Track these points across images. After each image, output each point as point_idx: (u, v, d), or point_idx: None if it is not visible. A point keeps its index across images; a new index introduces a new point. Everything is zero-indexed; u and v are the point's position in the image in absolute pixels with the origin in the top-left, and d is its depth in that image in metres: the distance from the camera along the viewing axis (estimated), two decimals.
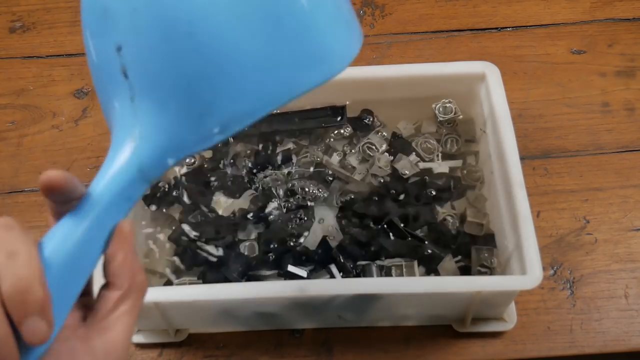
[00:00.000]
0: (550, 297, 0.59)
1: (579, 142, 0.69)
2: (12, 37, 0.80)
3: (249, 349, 0.58)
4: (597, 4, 0.79)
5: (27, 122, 0.73)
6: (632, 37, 0.76)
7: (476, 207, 0.61)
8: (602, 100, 0.72)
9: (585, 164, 0.67)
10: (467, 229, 0.59)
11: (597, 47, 0.76)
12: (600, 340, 0.57)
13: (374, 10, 0.80)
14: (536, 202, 0.63)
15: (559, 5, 0.80)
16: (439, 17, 0.79)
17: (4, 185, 0.68)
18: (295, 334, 0.58)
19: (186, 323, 0.58)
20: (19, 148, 0.71)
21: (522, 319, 0.58)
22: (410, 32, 0.78)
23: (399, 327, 0.58)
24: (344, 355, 0.57)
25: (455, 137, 0.64)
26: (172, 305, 0.53)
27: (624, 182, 0.66)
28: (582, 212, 0.64)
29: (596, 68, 0.74)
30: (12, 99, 0.75)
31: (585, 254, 0.62)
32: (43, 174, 0.32)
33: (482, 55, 0.75)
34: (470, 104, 0.64)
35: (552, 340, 0.58)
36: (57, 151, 0.70)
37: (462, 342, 0.57)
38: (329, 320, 0.57)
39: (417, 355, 0.57)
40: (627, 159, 0.67)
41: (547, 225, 0.63)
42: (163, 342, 0.58)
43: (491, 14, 0.79)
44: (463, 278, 0.55)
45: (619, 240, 0.62)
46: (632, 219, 0.63)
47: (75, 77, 0.76)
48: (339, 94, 0.63)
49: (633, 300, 0.59)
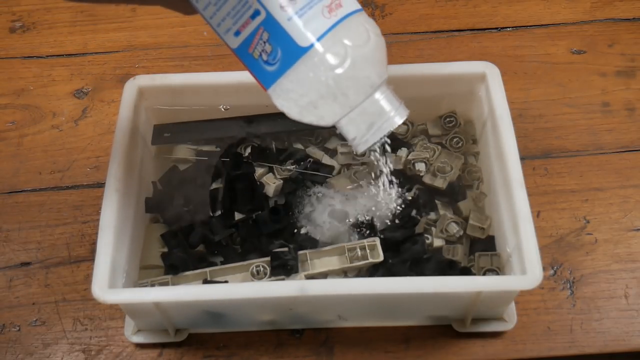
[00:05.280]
0: (550, 297, 0.59)
1: (579, 142, 0.69)
2: (12, 37, 0.80)
3: (249, 349, 0.58)
4: (597, 4, 0.79)
5: (27, 122, 0.73)
6: (632, 37, 0.76)
7: (478, 210, 0.61)
8: (603, 100, 0.72)
9: (585, 164, 0.67)
10: (469, 232, 0.59)
11: (598, 47, 0.76)
12: (601, 340, 0.57)
13: (374, 10, 0.80)
14: (536, 202, 0.64)
15: (559, 5, 0.80)
16: (439, 17, 0.79)
17: (4, 185, 0.68)
18: (295, 334, 0.58)
19: (186, 323, 0.58)
20: (19, 148, 0.71)
21: (522, 319, 0.58)
22: (410, 32, 0.78)
23: (399, 327, 0.58)
24: (344, 355, 0.57)
25: (459, 136, 0.64)
26: (172, 305, 0.53)
27: (624, 182, 0.66)
28: (582, 212, 0.64)
29: (596, 68, 0.74)
30: (12, 99, 0.75)
31: (585, 254, 0.62)
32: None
33: (482, 55, 0.75)
34: (470, 104, 0.64)
35: (552, 340, 0.58)
36: (57, 151, 0.70)
37: (462, 342, 0.57)
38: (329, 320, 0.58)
39: (417, 355, 0.57)
40: (627, 159, 0.67)
41: (547, 225, 0.63)
42: (163, 342, 0.58)
43: (491, 14, 0.79)
44: (463, 278, 0.55)
45: (619, 240, 0.62)
46: (632, 219, 0.63)
47: (75, 77, 0.76)
48: None
49: (633, 300, 0.59)
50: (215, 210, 0.61)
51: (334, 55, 0.43)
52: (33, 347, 0.58)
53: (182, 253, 0.59)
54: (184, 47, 0.78)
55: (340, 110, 0.45)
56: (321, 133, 0.66)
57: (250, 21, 0.43)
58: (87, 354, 0.58)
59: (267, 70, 0.44)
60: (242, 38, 0.44)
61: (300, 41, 0.43)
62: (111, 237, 0.53)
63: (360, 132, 0.46)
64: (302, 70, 0.43)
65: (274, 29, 0.43)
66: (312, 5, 0.43)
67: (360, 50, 0.44)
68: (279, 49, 0.43)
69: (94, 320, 0.59)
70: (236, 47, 0.44)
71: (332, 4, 0.43)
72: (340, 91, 0.44)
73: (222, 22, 0.44)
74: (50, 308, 0.60)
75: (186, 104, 0.64)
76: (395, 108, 0.47)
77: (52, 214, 0.66)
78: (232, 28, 0.44)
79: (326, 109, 0.45)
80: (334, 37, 0.43)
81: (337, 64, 0.43)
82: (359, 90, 0.45)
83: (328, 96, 0.44)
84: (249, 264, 0.58)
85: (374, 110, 0.46)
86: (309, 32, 0.43)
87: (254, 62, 0.44)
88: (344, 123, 0.46)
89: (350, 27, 0.44)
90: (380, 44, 0.46)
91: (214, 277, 0.57)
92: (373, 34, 0.45)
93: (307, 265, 0.58)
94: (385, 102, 0.46)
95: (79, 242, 0.64)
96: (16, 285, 0.62)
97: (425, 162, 0.62)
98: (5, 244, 0.64)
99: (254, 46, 0.44)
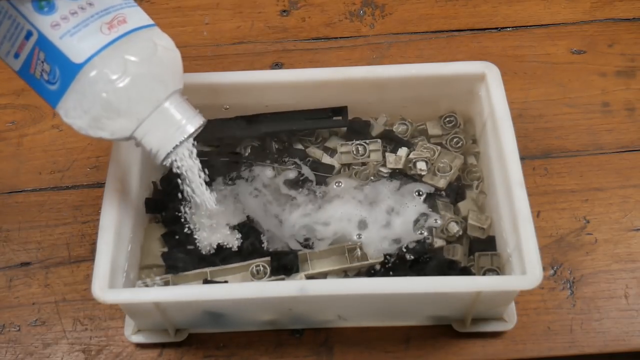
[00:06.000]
0: (550, 297, 0.59)
1: (579, 142, 0.69)
2: None
3: (249, 349, 0.58)
4: (597, 4, 0.79)
5: (27, 122, 0.73)
6: (632, 37, 0.76)
7: (478, 210, 0.60)
8: (602, 100, 0.72)
9: (585, 164, 0.67)
10: (469, 232, 0.59)
11: (597, 47, 0.76)
12: (601, 340, 0.57)
13: (374, 10, 0.80)
14: (536, 202, 0.63)
15: (559, 5, 0.80)
16: (439, 17, 0.79)
17: (4, 185, 0.68)
18: (295, 334, 0.58)
19: (186, 323, 0.58)
20: (19, 148, 0.71)
21: (522, 319, 0.58)
22: (410, 32, 0.78)
23: (399, 327, 0.58)
24: (344, 355, 0.57)
25: (459, 136, 0.64)
26: (172, 305, 0.53)
27: (624, 182, 0.66)
28: (582, 212, 0.64)
29: (596, 68, 0.74)
30: (12, 99, 0.75)
31: (585, 254, 0.62)
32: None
33: (482, 55, 0.75)
34: (470, 104, 0.64)
35: (552, 340, 0.58)
36: (57, 151, 0.70)
37: (462, 342, 0.57)
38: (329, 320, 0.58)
39: (417, 355, 0.57)
40: (627, 159, 0.67)
41: (547, 225, 0.63)
42: (163, 342, 0.58)
43: (491, 14, 0.79)
44: (463, 278, 0.55)
45: (619, 240, 0.62)
46: (632, 219, 0.63)
47: None
48: (339, 94, 0.63)
49: (633, 300, 0.59)
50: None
51: (113, 71, 0.44)
52: (33, 347, 0.58)
53: (182, 253, 0.59)
54: (184, 47, 0.77)
55: (129, 124, 0.46)
56: (321, 133, 0.66)
57: (26, 42, 0.44)
58: (87, 354, 0.58)
59: (50, 89, 0.45)
60: (22, 60, 0.45)
61: (75, 58, 0.43)
62: (111, 237, 0.53)
63: (156, 144, 0.47)
64: (81, 87, 0.44)
65: (48, 48, 0.43)
66: (88, 23, 0.44)
67: (144, 64, 0.45)
68: (56, 67, 0.44)
69: (94, 320, 0.59)
70: (18, 69, 0.46)
71: (114, 21, 0.44)
72: (123, 105, 0.45)
73: (1, 46, 0.45)
74: (50, 308, 0.60)
75: None
76: (188, 117, 0.48)
77: (52, 214, 0.66)
78: (11, 51, 0.45)
79: (114, 123, 0.46)
80: (112, 53, 0.44)
81: (117, 79, 0.44)
82: (144, 102, 0.46)
83: (112, 111, 0.45)
84: (249, 264, 0.58)
85: (165, 121, 0.47)
86: (84, 49, 0.43)
87: (37, 82, 0.46)
88: (139, 136, 0.47)
89: (135, 42, 0.45)
90: (169, 56, 0.47)
91: (214, 277, 0.57)
92: (162, 48, 0.46)
93: (307, 265, 0.58)
94: (176, 112, 0.47)
95: (79, 242, 0.64)
96: (16, 285, 0.62)
97: (426, 161, 0.62)
98: (5, 244, 0.64)
99: (34, 67, 0.45)
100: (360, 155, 0.64)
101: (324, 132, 0.66)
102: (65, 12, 0.43)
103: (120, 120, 0.46)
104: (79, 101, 0.45)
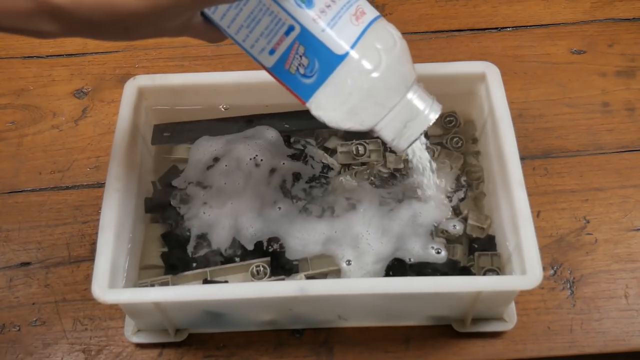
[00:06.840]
0: (550, 297, 0.60)
1: (579, 142, 0.69)
2: (12, 36, 0.80)
3: (249, 349, 0.58)
4: (597, 4, 0.79)
5: (27, 122, 0.73)
6: (632, 37, 0.76)
7: (478, 210, 0.60)
8: (603, 100, 0.72)
9: (585, 164, 0.67)
10: (469, 231, 0.59)
11: (597, 47, 0.76)
12: (601, 340, 0.57)
13: None
14: (536, 202, 0.64)
15: (559, 5, 0.80)
16: (439, 17, 0.79)
17: (4, 185, 0.68)
18: (295, 334, 0.58)
19: (186, 323, 0.58)
20: (19, 148, 0.71)
21: (522, 319, 0.58)
22: (410, 32, 0.78)
23: (399, 327, 0.58)
24: (344, 355, 0.57)
25: (459, 136, 0.64)
26: (172, 305, 0.53)
27: (624, 182, 0.66)
28: (582, 212, 0.64)
29: (596, 68, 0.74)
30: (12, 99, 0.75)
31: (585, 254, 0.62)
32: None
33: (482, 55, 0.75)
34: (470, 103, 0.64)
35: (552, 340, 0.58)
36: (57, 151, 0.70)
37: (462, 342, 0.57)
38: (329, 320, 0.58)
39: (417, 355, 0.57)
40: (627, 159, 0.67)
41: (547, 225, 0.63)
42: (163, 342, 0.58)
43: (491, 14, 0.79)
44: (463, 278, 0.55)
45: (619, 240, 0.62)
46: (632, 219, 0.63)
47: (75, 77, 0.76)
48: None
49: (633, 300, 0.59)
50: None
51: (369, 60, 0.45)
52: (33, 347, 0.58)
53: (182, 253, 0.59)
54: (184, 47, 0.78)
55: (380, 112, 0.47)
56: (321, 133, 0.66)
57: (285, 37, 0.44)
58: (87, 354, 0.58)
59: (305, 83, 0.46)
60: (278, 55, 0.45)
61: (337, 50, 0.44)
62: (111, 237, 0.53)
63: (398, 132, 0.48)
64: (340, 78, 0.45)
65: (310, 42, 0.44)
66: (341, 15, 0.44)
67: (391, 53, 0.46)
68: (316, 60, 0.45)
69: (94, 320, 0.59)
70: (272, 65, 0.46)
71: (357, 12, 0.45)
72: (377, 94, 0.46)
73: (256, 43, 0.45)
74: (50, 308, 0.60)
75: (186, 104, 0.64)
76: (428, 105, 0.48)
77: (52, 214, 0.66)
78: (267, 47, 0.45)
79: (366, 113, 0.46)
80: (365, 43, 0.45)
81: (373, 68, 0.45)
82: (394, 91, 0.46)
83: (367, 100, 0.46)
84: (249, 264, 0.58)
85: (408, 109, 0.47)
86: (343, 40, 0.44)
87: (290, 77, 0.46)
88: (382, 125, 0.47)
89: (377, 32, 0.46)
90: (405, 45, 0.47)
91: (214, 277, 0.57)
92: (397, 37, 0.47)
93: (307, 265, 0.58)
94: (419, 100, 0.48)
95: (79, 242, 0.64)
96: (16, 285, 0.62)
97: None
98: (5, 244, 0.64)
99: (290, 62, 0.45)
100: (360, 155, 0.64)
101: (323, 132, 0.66)
102: (321, 6, 0.44)
103: (373, 109, 0.46)
104: (336, 93, 0.45)
